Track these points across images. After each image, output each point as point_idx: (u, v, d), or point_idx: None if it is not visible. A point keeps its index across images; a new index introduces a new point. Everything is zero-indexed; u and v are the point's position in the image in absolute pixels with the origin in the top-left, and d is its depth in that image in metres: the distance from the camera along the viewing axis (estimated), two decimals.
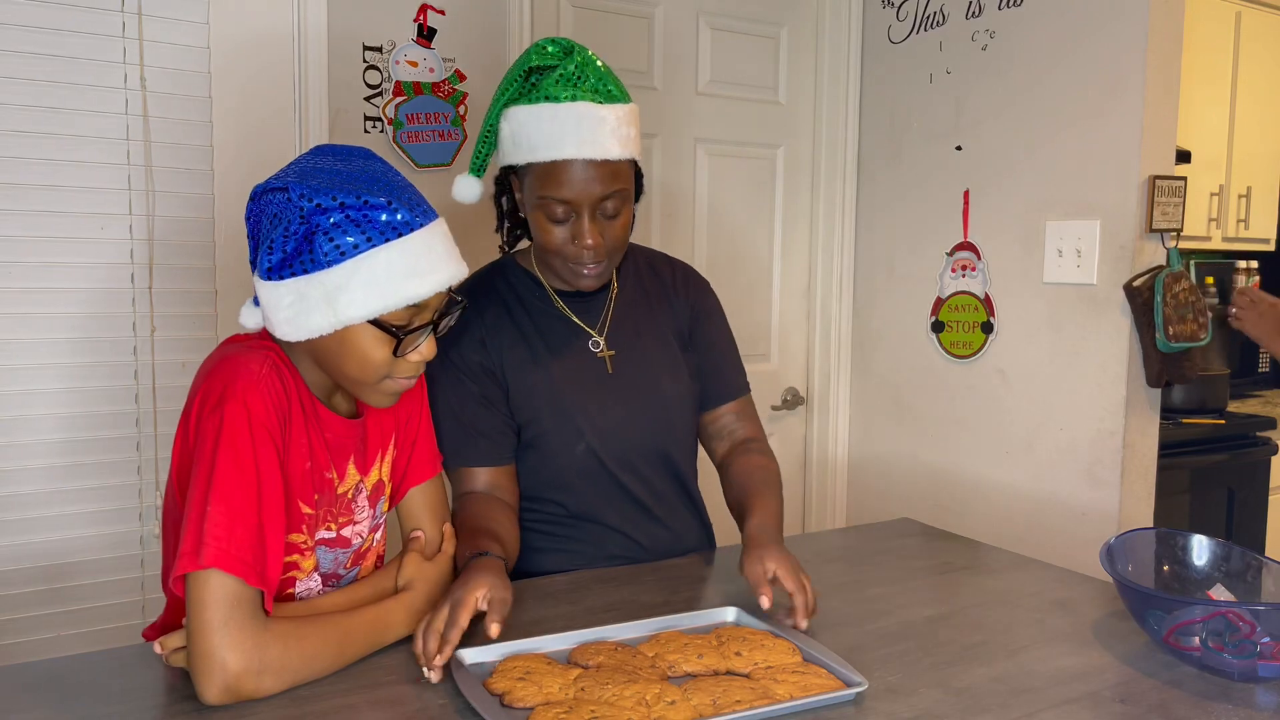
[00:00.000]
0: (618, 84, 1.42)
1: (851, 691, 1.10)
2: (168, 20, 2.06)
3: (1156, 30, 2.26)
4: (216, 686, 1.03)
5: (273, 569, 1.10)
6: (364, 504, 1.29)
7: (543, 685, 1.11)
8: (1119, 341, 2.34)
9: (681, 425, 1.61)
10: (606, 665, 1.16)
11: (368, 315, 1.11)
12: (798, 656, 1.19)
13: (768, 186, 2.97)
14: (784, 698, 1.09)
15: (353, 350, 1.14)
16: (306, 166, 1.14)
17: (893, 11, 2.89)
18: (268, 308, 1.14)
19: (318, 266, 1.09)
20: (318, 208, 1.09)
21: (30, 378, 1.99)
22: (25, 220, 1.96)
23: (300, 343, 1.15)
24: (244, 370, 1.12)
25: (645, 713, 1.05)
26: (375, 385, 1.18)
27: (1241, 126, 3.37)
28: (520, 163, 1.42)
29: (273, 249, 1.11)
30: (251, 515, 1.07)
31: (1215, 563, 1.35)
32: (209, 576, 1.04)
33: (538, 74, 1.40)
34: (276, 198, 1.12)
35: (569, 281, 1.50)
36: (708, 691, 1.10)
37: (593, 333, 1.55)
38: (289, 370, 1.17)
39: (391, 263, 1.10)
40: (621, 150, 1.38)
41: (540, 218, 1.42)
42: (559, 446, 1.52)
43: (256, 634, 1.05)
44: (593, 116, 1.36)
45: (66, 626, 2.04)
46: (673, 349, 1.60)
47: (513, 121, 1.40)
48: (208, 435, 1.08)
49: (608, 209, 1.41)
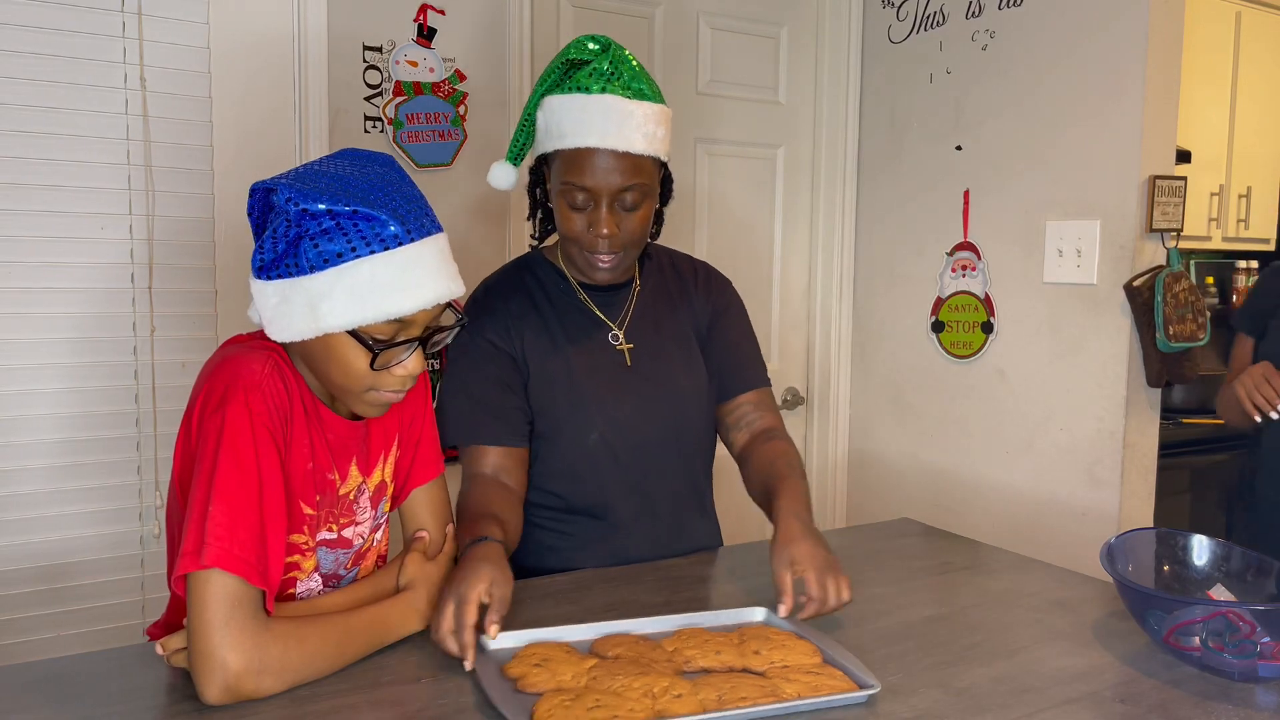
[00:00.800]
0: (651, 84, 1.45)
1: (863, 694, 1.10)
2: (168, 20, 2.06)
3: (1156, 30, 2.26)
4: (217, 686, 1.03)
5: (274, 569, 1.10)
6: (365, 505, 1.29)
7: (556, 672, 1.12)
8: (1119, 341, 2.34)
9: (696, 423, 1.61)
10: (624, 657, 1.17)
11: (346, 325, 1.10)
12: (817, 658, 1.19)
13: (768, 186, 2.97)
14: (791, 696, 1.08)
15: (336, 358, 1.13)
16: (312, 169, 1.14)
17: (893, 11, 2.89)
18: (256, 304, 1.14)
19: (301, 271, 1.09)
20: (305, 213, 1.08)
21: (30, 378, 1.99)
22: (25, 220, 1.96)
23: (292, 344, 1.15)
24: (246, 371, 1.12)
25: (650, 705, 1.06)
26: (360, 395, 1.17)
27: (1241, 126, 3.37)
28: (550, 150, 1.46)
29: (264, 248, 1.11)
30: (253, 515, 1.07)
31: (1215, 563, 1.35)
32: (210, 576, 1.04)
33: (575, 67, 1.45)
34: (271, 198, 1.12)
35: (585, 272, 1.53)
36: (716, 687, 1.11)
37: (613, 326, 1.57)
38: (291, 371, 1.17)
39: (375, 274, 1.08)
40: (646, 146, 1.41)
41: (562, 204, 1.46)
42: (572, 435, 1.53)
43: (257, 634, 1.05)
44: (620, 110, 1.39)
45: (66, 626, 2.04)
46: (691, 347, 1.61)
47: (547, 110, 1.44)
48: (209, 435, 1.09)
49: (627, 200, 1.44)
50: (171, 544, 1.23)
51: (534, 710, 1.04)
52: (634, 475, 1.56)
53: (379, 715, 1.05)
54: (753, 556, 1.60)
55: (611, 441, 1.54)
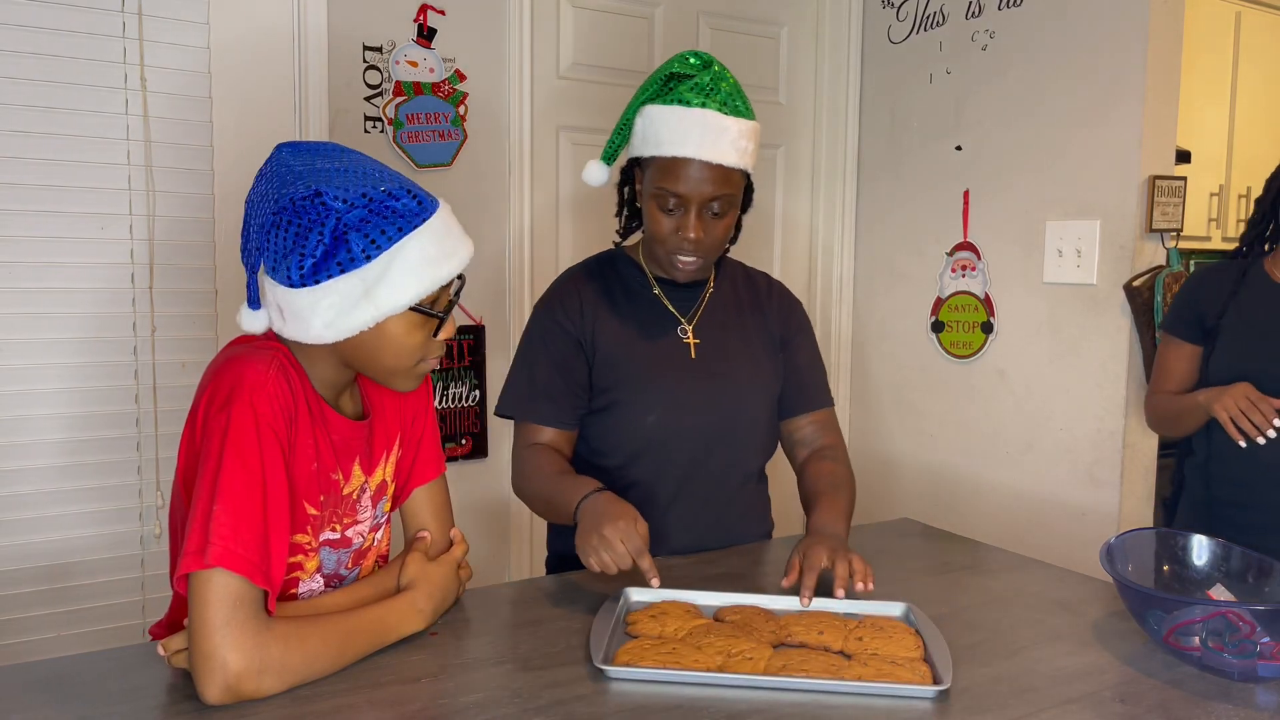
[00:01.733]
0: (745, 101, 1.54)
1: (929, 690, 1.10)
2: (168, 20, 2.06)
3: (1156, 30, 2.26)
4: (217, 686, 1.03)
5: (277, 569, 1.10)
6: (367, 504, 1.29)
7: (665, 624, 1.25)
8: (1119, 341, 2.34)
9: (754, 417, 1.67)
10: (735, 623, 1.27)
11: (409, 302, 1.14)
12: (918, 653, 1.21)
13: (768, 186, 2.97)
14: (850, 678, 1.13)
15: (389, 340, 1.17)
16: (310, 170, 1.13)
17: (893, 11, 2.89)
18: (302, 313, 1.13)
19: (355, 264, 1.11)
20: (346, 205, 1.11)
21: (31, 378, 1.99)
22: (26, 220, 1.96)
23: (334, 341, 1.16)
24: (251, 371, 1.12)
25: (718, 661, 1.16)
26: (411, 369, 1.21)
27: (1241, 126, 3.37)
28: (646, 155, 1.54)
29: (304, 255, 1.11)
30: (257, 515, 1.08)
31: (1215, 563, 1.35)
32: (213, 576, 1.04)
33: (676, 80, 1.53)
34: (304, 204, 1.10)
35: (667, 270, 1.62)
36: (787, 658, 1.17)
37: (683, 320, 1.65)
38: (296, 371, 1.18)
39: (423, 248, 1.13)
40: (737, 159, 1.51)
41: (653, 206, 1.55)
42: (631, 414, 1.60)
43: (258, 634, 1.05)
44: (717, 125, 1.48)
45: (67, 626, 2.04)
46: (755, 348, 1.68)
47: (646, 118, 1.53)
48: (214, 435, 1.09)
49: (714, 208, 1.53)
50: (174, 543, 1.23)
51: (618, 651, 1.17)
52: (687, 460, 1.62)
53: (379, 715, 1.05)
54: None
55: (668, 424, 1.60)
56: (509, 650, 1.23)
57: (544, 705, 1.08)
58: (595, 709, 1.08)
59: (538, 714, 1.06)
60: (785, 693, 1.11)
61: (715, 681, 1.12)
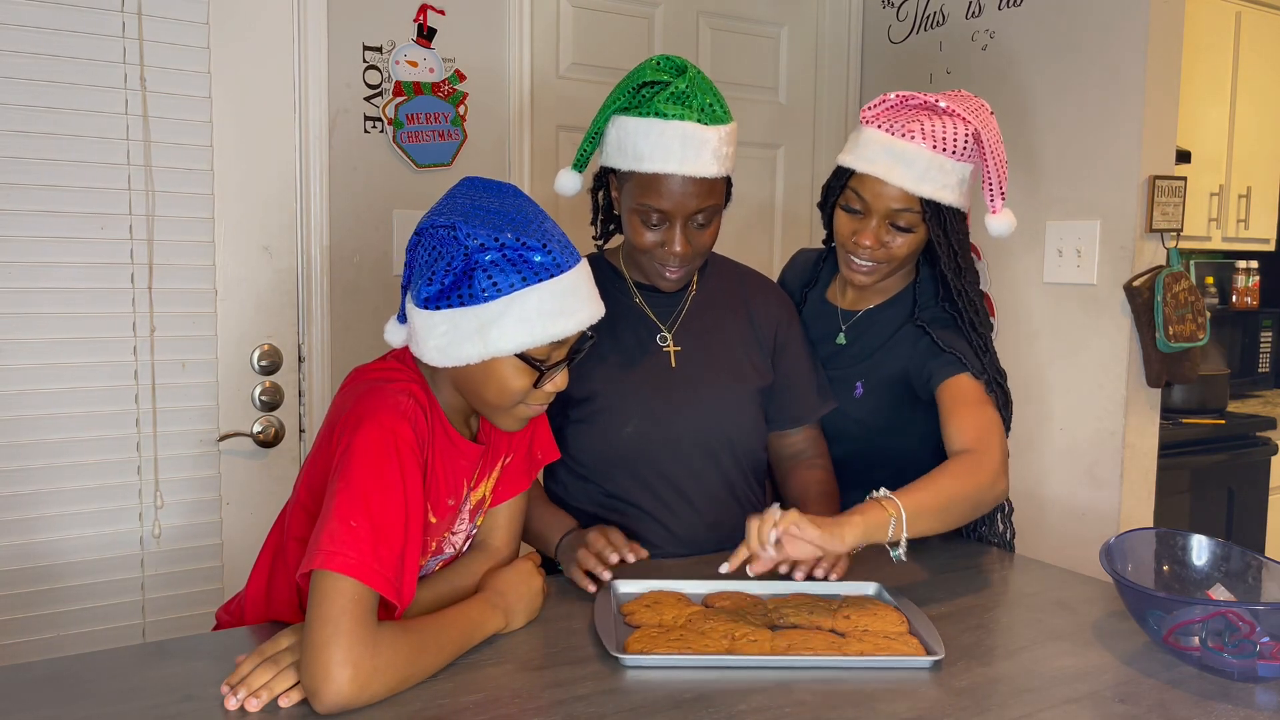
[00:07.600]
0: (721, 103, 1.50)
1: (926, 660, 1.17)
2: (168, 20, 2.06)
3: (1156, 30, 2.26)
4: (332, 694, 1.03)
5: (408, 589, 1.14)
6: (465, 517, 1.35)
7: (661, 613, 1.29)
8: (1119, 341, 2.34)
9: (738, 423, 1.64)
10: (727, 608, 1.32)
11: (516, 349, 1.18)
12: (903, 627, 1.27)
13: (768, 186, 2.97)
14: (854, 653, 1.18)
15: (494, 379, 1.21)
16: (467, 205, 1.19)
17: (893, 11, 2.89)
18: (420, 333, 1.19)
19: (475, 301, 1.16)
20: (480, 246, 1.15)
21: (30, 377, 1.99)
22: (25, 220, 1.96)
23: (447, 368, 1.21)
24: (393, 401, 1.18)
25: (726, 645, 1.20)
26: (509, 410, 1.25)
27: (1241, 126, 3.37)
28: (623, 169, 1.51)
29: (432, 280, 1.17)
30: (398, 535, 1.12)
31: (1215, 563, 1.35)
32: (344, 583, 1.06)
33: (649, 88, 1.49)
34: (441, 234, 1.17)
35: (651, 279, 1.61)
36: (789, 638, 1.23)
37: (663, 328, 1.64)
38: (429, 401, 1.24)
39: (542, 301, 1.17)
40: (719, 169, 1.48)
41: (636, 221, 1.53)
42: (608, 424, 1.59)
43: (375, 643, 1.06)
44: (697, 138, 1.45)
45: (67, 626, 2.04)
46: (737, 353, 1.65)
47: (620, 129, 1.50)
48: (356, 453, 1.13)
49: (699, 220, 1.52)
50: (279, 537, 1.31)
51: (628, 640, 1.21)
52: (666, 471, 1.60)
53: (379, 715, 1.05)
54: None
55: (646, 434, 1.59)
56: (509, 650, 1.24)
57: (544, 705, 1.09)
58: (596, 708, 1.08)
59: (538, 714, 1.07)
60: (797, 670, 1.16)
61: (728, 664, 1.17)
